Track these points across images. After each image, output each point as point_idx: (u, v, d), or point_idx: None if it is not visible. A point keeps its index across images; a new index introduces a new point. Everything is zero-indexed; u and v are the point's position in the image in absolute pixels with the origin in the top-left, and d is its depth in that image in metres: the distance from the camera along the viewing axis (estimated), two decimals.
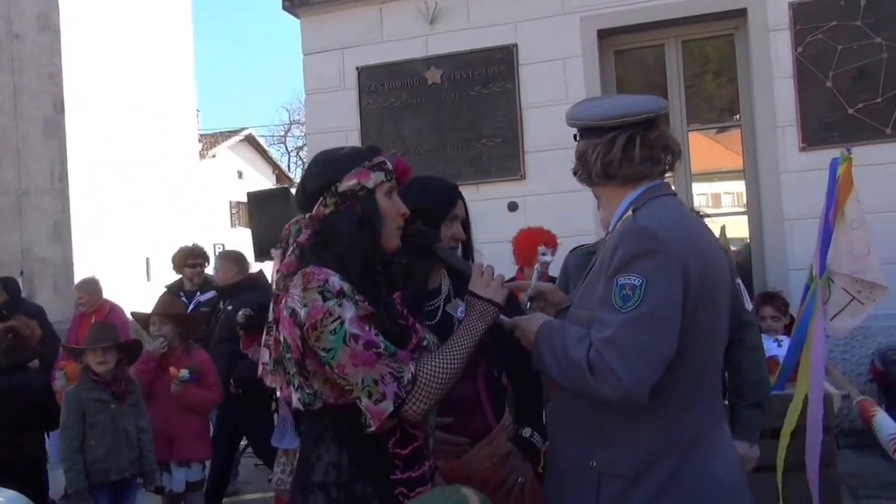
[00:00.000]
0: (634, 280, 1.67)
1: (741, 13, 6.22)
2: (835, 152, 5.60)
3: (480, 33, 6.72)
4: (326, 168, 1.85)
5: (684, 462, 1.74)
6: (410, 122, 6.88)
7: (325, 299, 1.68)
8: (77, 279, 8.54)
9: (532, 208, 6.42)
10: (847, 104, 5.92)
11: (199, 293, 6.34)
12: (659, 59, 6.63)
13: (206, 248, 6.82)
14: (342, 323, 1.67)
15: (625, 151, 1.84)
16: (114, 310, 6.79)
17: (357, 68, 7.06)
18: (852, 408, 3.94)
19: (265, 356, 1.84)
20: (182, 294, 6.37)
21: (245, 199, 8.07)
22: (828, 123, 5.96)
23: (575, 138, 1.95)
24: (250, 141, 26.74)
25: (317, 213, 1.82)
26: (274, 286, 1.81)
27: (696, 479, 1.74)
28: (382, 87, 6.97)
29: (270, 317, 1.82)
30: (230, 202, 24.59)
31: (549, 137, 6.30)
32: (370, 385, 1.67)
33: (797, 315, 3.73)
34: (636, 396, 1.65)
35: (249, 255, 6.28)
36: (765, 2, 6.11)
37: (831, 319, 3.43)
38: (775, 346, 4.50)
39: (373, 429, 1.69)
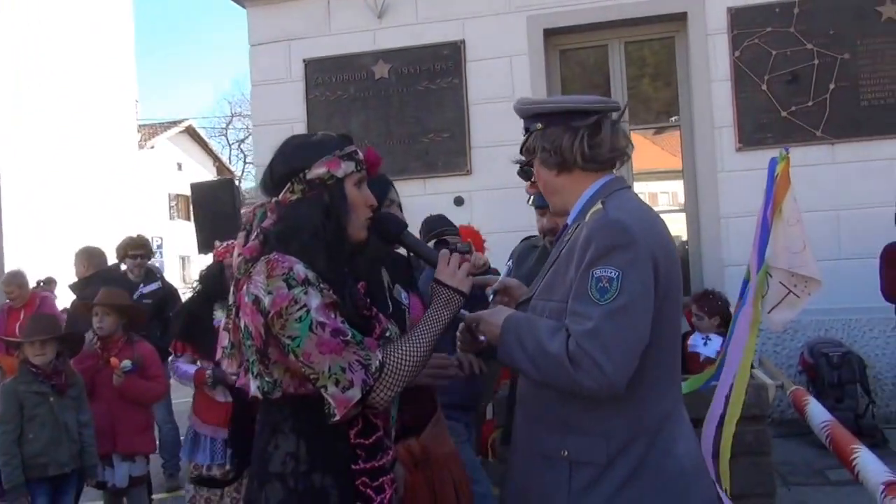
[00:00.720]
0: (611, 273, 1.68)
1: (682, 17, 6.39)
2: (769, 153, 5.81)
3: (428, 29, 6.74)
4: (296, 154, 1.81)
5: (651, 447, 1.76)
6: (358, 116, 6.83)
7: (289, 287, 1.65)
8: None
9: (478, 203, 6.49)
10: (780, 107, 6.14)
11: (141, 284, 6.18)
12: (602, 59, 6.75)
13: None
14: (308, 311, 1.65)
15: (612, 135, 1.89)
16: (44, 301, 6.60)
17: (304, 60, 7.00)
18: (786, 397, 4.08)
19: (224, 339, 1.80)
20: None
21: (185, 192, 7.92)
22: (763, 125, 6.16)
23: (527, 131, 1.97)
24: (190, 132, 26.22)
25: (283, 198, 1.78)
26: (235, 270, 1.78)
27: (662, 463, 1.77)
28: (330, 80, 6.93)
29: (231, 300, 1.78)
30: (169, 194, 24.08)
31: (495, 133, 6.37)
32: (337, 373, 1.65)
33: (736, 309, 3.82)
34: (616, 387, 1.66)
35: (191, 247, 6.17)
36: (704, 7, 6.28)
37: (769, 312, 3.46)
38: (701, 344, 4.60)
39: (337, 418, 1.67)
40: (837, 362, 5.52)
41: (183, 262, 24.86)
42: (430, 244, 3.03)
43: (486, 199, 6.43)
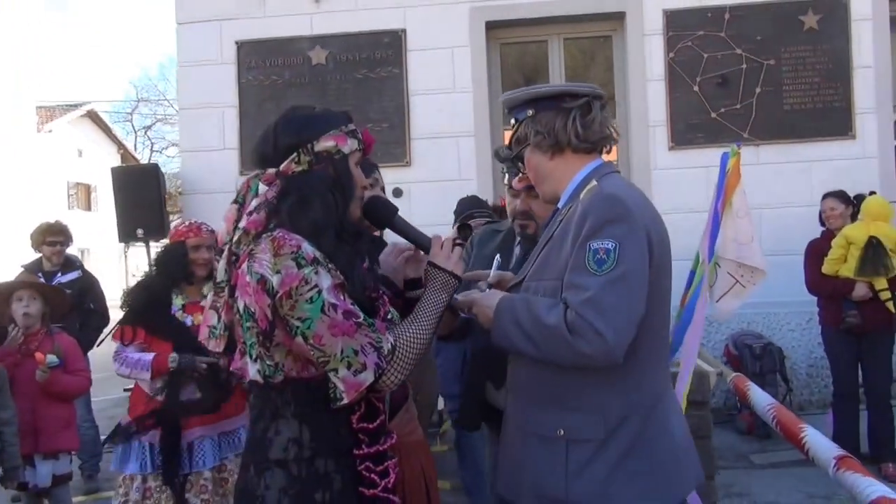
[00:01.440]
0: (608, 244, 1.72)
1: (620, 16, 6.59)
2: (700, 152, 6.31)
3: (368, 15, 6.70)
4: (305, 124, 1.77)
5: (647, 423, 1.81)
6: (293, 102, 6.55)
7: (299, 266, 1.61)
8: None
9: (417, 195, 6.50)
10: (711, 108, 6.43)
11: (59, 273, 5.90)
12: (542, 54, 6.89)
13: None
14: (319, 292, 1.61)
15: (601, 117, 1.96)
16: None
17: (236, 42, 6.83)
18: (726, 384, 4.29)
19: (212, 319, 1.76)
20: (40, 274, 5.89)
21: (86, 180, 7.60)
22: (694, 125, 6.43)
23: (515, 121, 2.02)
24: (92, 117, 25.08)
25: (286, 168, 1.74)
26: (231, 245, 1.72)
27: (657, 439, 1.82)
28: (264, 63, 6.79)
29: (220, 277, 1.73)
30: (68, 182, 22.93)
31: (435, 125, 6.43)
32: (350, 356, 1.63)
33: (683, 299, 3.99)
34: (616, 354, 1.70)
35: (92, 239, 5.93)
36: (642, 7, 6.50)
37: (717, 301, 3.67)
38: None
39: (344, 401, 1.65)
40: (759, 353, 5.83)
41: (82, 255, 23.81)
42: (455, 227, 3.00)
43: (426, 191, 6.45)
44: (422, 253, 1.96)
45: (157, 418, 3.32)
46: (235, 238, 1.70)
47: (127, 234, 6.69)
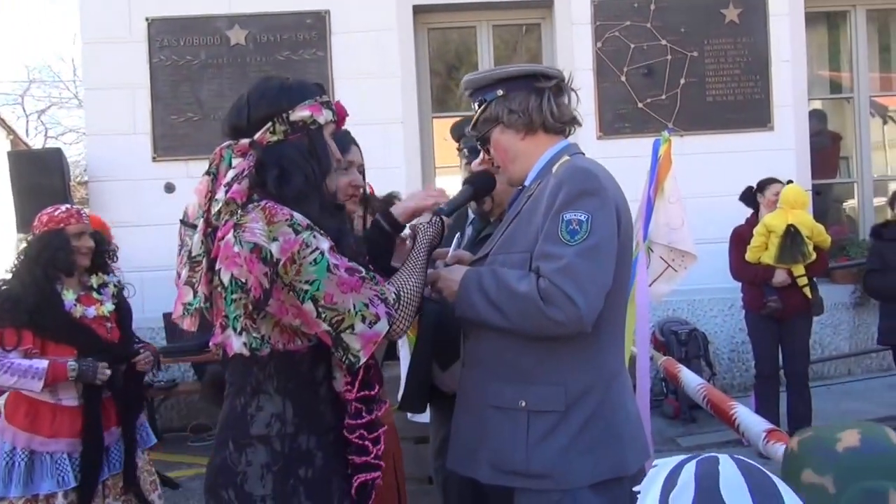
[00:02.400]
0: (581, 216, 1.78)
1: (548, 4, 6.67)
2: (627, 142, 6.44)
3: None
4: (279, 93, 1.78)
5: (606, 396, 1.89)
6: (209, 84, 6.52)
7: (296, 232, 1.64)
8: None
9: None
10: (637, 98, 6.61)
11: None
12: (471, 41, 6.93)
13: None
14: (322, 253, 1.65)
15: (568, 99, 2.04)
16: None
17: (147, 19, 6.53)
18: (656, 369, 4.44)
19: (187, 296, 1.73)
20: None
21: None
22: (621, 115, 6.60)
23: (482, 102, 2.04)
24: None
25: (260, 138, 1.75)
26: (209, 215, 1.71)
27: (615, 412, 1.90)
28: (177, 42, 6.54)
29: (196, 250, 1.72)
30: None
31: (361, 111, 6.17)
32: (362, 309, 1.66)
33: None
34: (587, 321, 1.76)
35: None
36: None
37: (650, 285, 3.74)
38: None
39: (362, 360, 1.68)
40: (684, 339, 6.09)
41: None
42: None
43: None
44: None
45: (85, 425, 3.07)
46: (215, 210, 1.70)
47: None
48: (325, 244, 1.66)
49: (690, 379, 3.69)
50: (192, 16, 6.55)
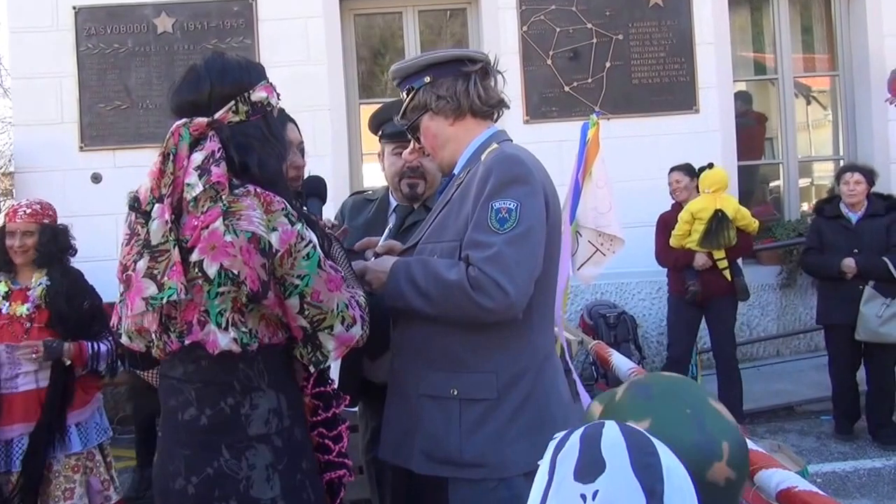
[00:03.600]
0: (510, 204, 1.80)
1: None
2: (554, 126, 6.46)
3: None
4: (242, 71, 1.73)
5: (536, 382, 1.90)
6: (137, 73, 6.39)
7: (291, 223, 1.60)
8: None
9: None
10: (564, 82, 6.61)
11: None
12: (397, 27, 6.88)
13: None
14: (315, 247, 1.63)
15: (495, 81, 2.05)
16: None
17: (74, 7, 6.40)
18: (588, 352, 4.49)
19: (148, 289, 1.60)
20: None
21: None
22: (547, 99, 6.60)
23: (409, 92, 2.04)
24: None
25: (222, 117, 1.69)
26: (173, 200, 1.61)
27: (547, 395, 1.92)
28: (104, 30, 6.41)
29: (157, 239, 1.60)
30: None
31: (288, 98, 6.07)
32: (343, 310, 1.65)
33: None
34: (518, 308, 1.78)
35: None
36: None
37: (578, 269, 3.85)
38: None
39: (329, 361, 1.67)
40: (613, 322, 6.06)
41: None
42: None
43: None
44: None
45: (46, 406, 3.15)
46: (190, 195, 1.60)
47: None
48: (314, 237, 1.65)
49: (622, 363, 3.69)
50: (120, 4, 6.42)
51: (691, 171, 5.59)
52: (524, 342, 1.90)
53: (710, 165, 5.48)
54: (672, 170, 5.65)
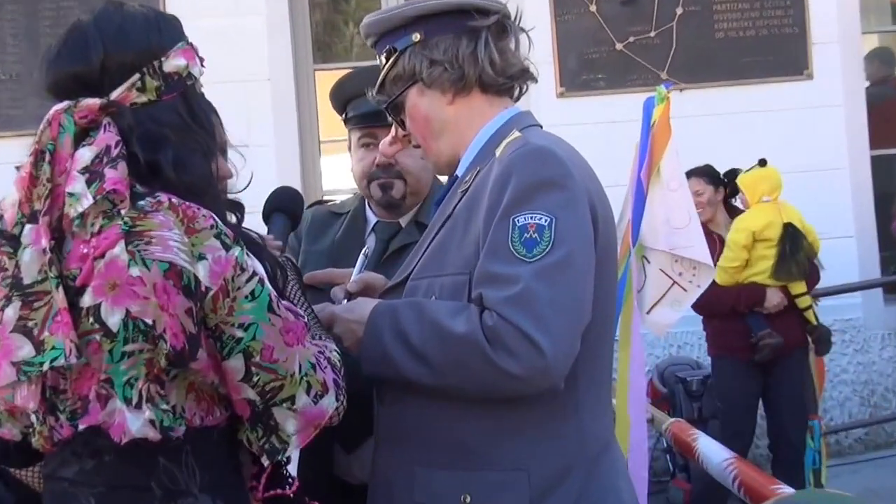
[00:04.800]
0: (541, 218, 1.77)
1: None
2: (601, 100, 6.48)
3: None
4: (148, 30, 1.71)
5: (589, 481, 1.87)
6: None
7: (226, 247, 1.60)
8: None
9: None
10: (615, 38, 6.57)
11: None
12: None
13: None
14: (261, 282, 1.63)
15: (515, 42, 2.03)
16: None
17: None
18: (661, 434, 4.43)
19: (22, 349, 1.55)
20: None
21: None
22: (591, 62, 6.60)
23: (390, 55, 2.06)
24: None
25: (123, 97, 1.67)
26: (51, 218, 1.58)
27: (603, 501, 1.89)
28: None
29: (32, 276, 1.57)
30: None
31: (209, 63, 6.12)
32: (308, 373, 1.65)
33: None
34: (557, 373, 1.74)
35: None
36: None
37: (648, 312, 3.81)
38: None
39: (291, 450, 1.68)
40: (697, 389, 5.94)
41: None
42: None
43: None
44: None
45: None
46: (74, 210, 1.57)
47: None
48: (261, 267, 1.66)
49: (712, 451, 3.59)
50: None
51: (715, 178, 5.69)
52: (569, 425, 1.89)
53: (763, 163, 5.47)
54: (688, 175, 5.54)
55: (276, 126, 6.53)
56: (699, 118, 6.34)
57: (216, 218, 1.62)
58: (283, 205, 2.33)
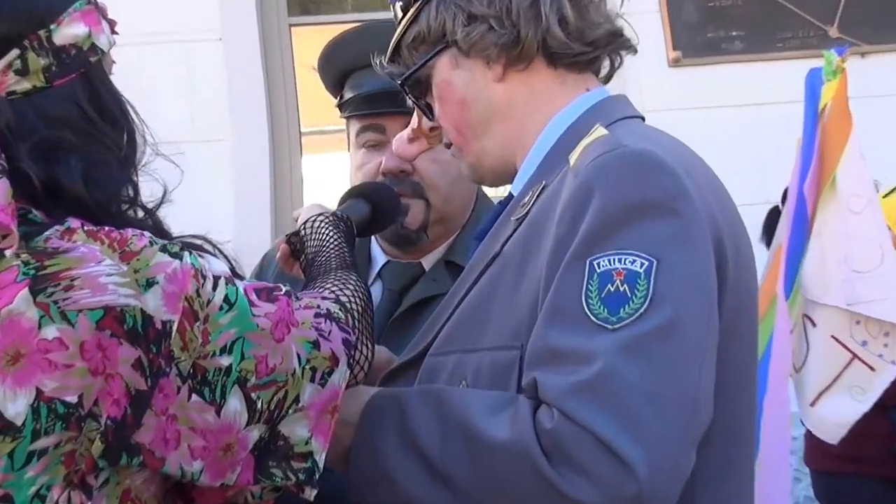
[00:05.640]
0: (634, 261, 1.70)
1: None
2: (734, 70, 6.50)
3: None
4: None
5: None
6: None
7: (175, 255, 1.63)
8: None
9: None
10: None
11: None
12: None
13: None
14: (229, 282, 1.69)
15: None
16: None
17: None
18: None
19: None
20: None
21: None
22: (719, 14, 6.45)
23: (406, 7, 2.07)
24: None
25: None
26: None
27: None
28: None
29: None
30: None
31: (148, 20, 6.36)
32: (310, 352, 1.72)
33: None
34: (655, 502, 1.66)
35: None
36: None
37: (812, 404, 3.65)
38: None
39: (319, 457, 1.72)
40: None
41: None
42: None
43: None
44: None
45: None
46: None
47: None
48: (219, 265, 1.73)
49: None
50: None
51: None
52: None
53: None
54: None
55: (233, 111, 6.54)
56: (888, 98, 6.28)
57: (145, 232, 1.67)
58: (366, 192, 2.43)
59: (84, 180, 1.68)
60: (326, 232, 2.18)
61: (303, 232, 2.23)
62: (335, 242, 2.16)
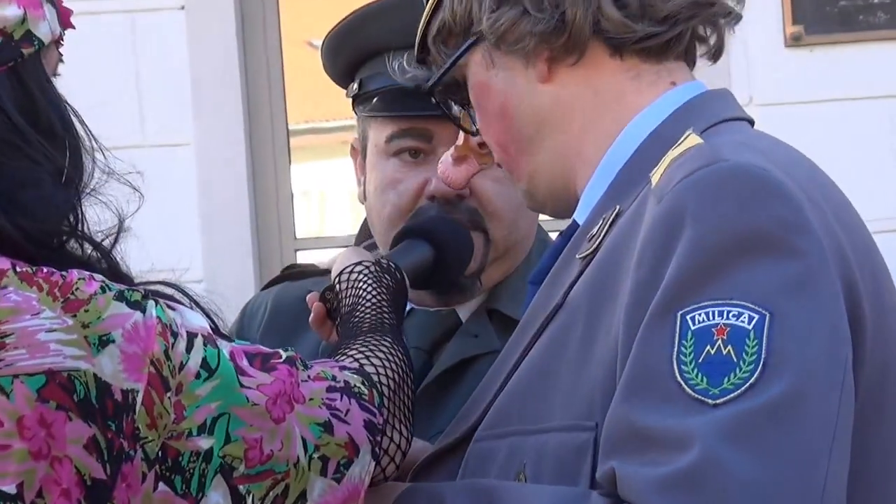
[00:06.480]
0: (740, 315, 1.73)
1: None
2: (865, 52, 6.89)
3: None
4: None
5: None
6: None
7: (137, 307, 1.74)
8: None
9: None
10: None
11: None
12: None
13: None
14: (209, 341, 1.79)
15: None
16: None
17: None
18: None
19: None
20: None
21: None
22: None
23: None
24: None
25: None
26: None
27: None
28: None
29: None
30: None
31: None
32: (319, 437, 1.83)
33: None
34: None
35: None
36: None
37: None
38: None
39: None
40: None
41: None
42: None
43: None
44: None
45: None
46: None
47: None
48: (196, 319, 1.86)
49: None
50: None
51: None
52: None
53: None
54: None
55: (197, 104, 6.66)
56: None
57: (94, 275, 1.77)
58: (427, 230, 2.55)
59: (4, 205, 1.81)
60: (364, 287, 2.28)
61: (338, 287, 2.32)
62: (373, 300, 2.25)
